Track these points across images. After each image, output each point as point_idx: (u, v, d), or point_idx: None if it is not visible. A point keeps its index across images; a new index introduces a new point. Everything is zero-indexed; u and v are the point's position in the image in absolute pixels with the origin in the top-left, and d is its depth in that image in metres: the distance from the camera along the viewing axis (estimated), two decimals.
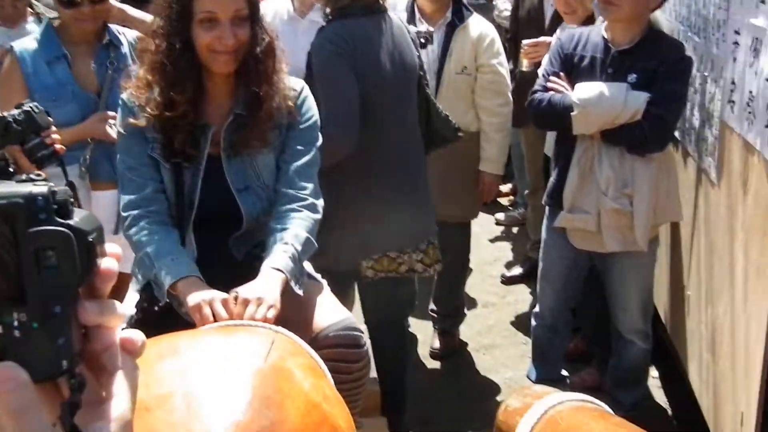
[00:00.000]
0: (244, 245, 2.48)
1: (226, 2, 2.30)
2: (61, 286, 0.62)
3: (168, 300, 2.26)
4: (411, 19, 4.07)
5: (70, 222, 0.63)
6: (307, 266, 2.50)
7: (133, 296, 2.50)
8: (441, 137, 3.67)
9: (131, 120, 2.37)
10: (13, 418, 0.59)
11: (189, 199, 2.39)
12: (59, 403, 0.62)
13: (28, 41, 3.16)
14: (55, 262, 0.62)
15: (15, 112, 2.53)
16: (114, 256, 0.66)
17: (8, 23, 3.87)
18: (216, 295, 2.12)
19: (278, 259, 2.24)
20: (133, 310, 2.42)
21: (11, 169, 0.71)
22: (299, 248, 2.30)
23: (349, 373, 2.24)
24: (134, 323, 2.35)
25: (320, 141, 2.52)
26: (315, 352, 1.78)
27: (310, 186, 2.44)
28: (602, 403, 2.14)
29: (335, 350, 2.22)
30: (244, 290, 2.12)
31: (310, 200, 2.42)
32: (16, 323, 0.61)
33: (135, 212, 2.35)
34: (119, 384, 0.66)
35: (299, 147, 2.46)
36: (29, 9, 3.97)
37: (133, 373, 0.67)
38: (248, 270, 2.29)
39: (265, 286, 2.14)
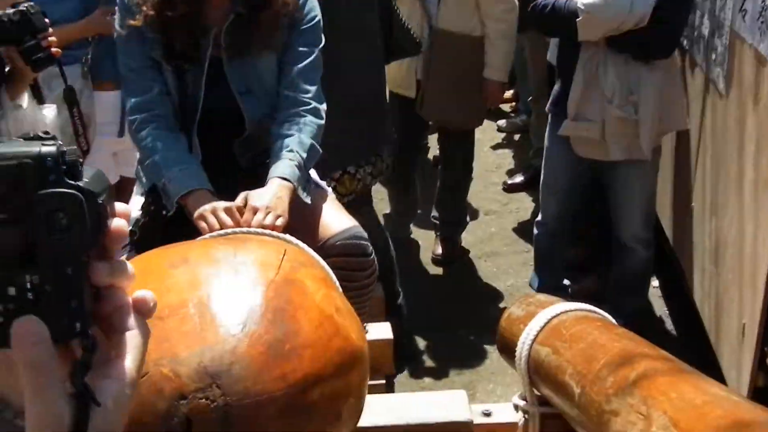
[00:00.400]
0: (248, 151, 2.44)
1: None
2: (72, 248, 0.62)
3: (177, 206, 2.25)
4: None
5: (80, 183, 0.62)
6: (312, 173, 2.49)
7: (137, 200, 2.49)
8: (400, 48, 3.62)
9: (129, 20, 2.32)
10: (32, 372, 0.60)
11: (192, 102, 2.35)
12: (70, 362, 0.63)
13: None
14: (66, 224, 0.61)
15: (10, 11, 2.48)
16: (123, 215, 0.66)
17: None
18: (221, 203, 2.10)
19: (284, 167, 2.22)
20: (138, 213, 2.42)
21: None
22: (304, 155, 2.28)
23: (356, 281, 2.25)
24: (140, 227, 2.35)
25: (323, 42, 2.46)
26: (325, 263, 1.79)
27: (313, 89, 2.40)
28: (606, 314, 2.16)
29: (342, 259, 2.23)
30: (253, 196, 2.11)
31: (314, 104, 2.38)
32: (28, 285, 0.61)
33: (141, 115, 2.32)
34: (129, 343, 0.66)
35: (302, 48, 2.40)
36: None
37: (144, 332, 0.67)
38: (253, 177, 2.27)
39: (274, 195, 2.12)
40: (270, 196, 2.12)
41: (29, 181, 0.61)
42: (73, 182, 0.62)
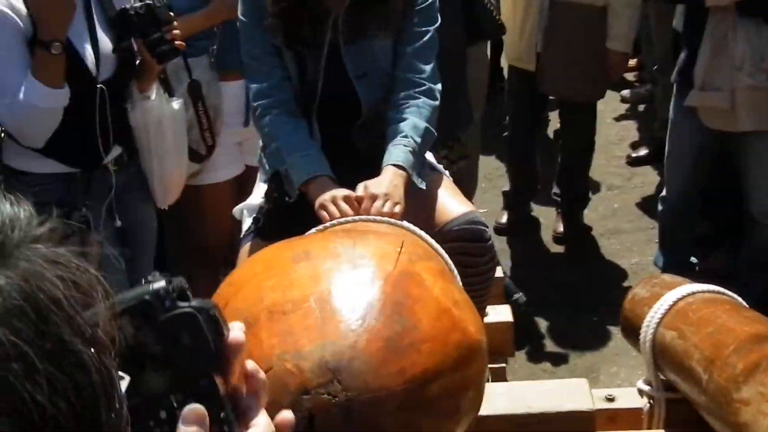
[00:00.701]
0: (366, 136, 2.45)
1: None
2: (201, 360, 0.71)
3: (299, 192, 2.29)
4: None
5: (192, 303, 0.72)
6: (428, 156, 2.49)
7: (260, 187, 2.56)
8: (478, 30, 3.54)
9: (251, 7, 2.37)
10: None
11: (311, 87, 2.39)
12: None
13: None
14: (190, 340, 0.71)
15: (137, 5, 2.57)
16: (237, 328, 0.75)
17: None
18: (341, 192, 2.14)
19: (399, 153, 2.23)
20: (261, 200, 2.48)
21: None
22: (419, 140, 2.28)
23: (474, 266, 2.25)
24: (264, 213, 2.41)
25: (438, 22, 2.44)
26: (445, 253, 1.79)
27: (427, 69, 2.39)
28: (734, 295, 2.09)
29: (459, 244, 2.22)
30: (370, 185, 2.13)
31: (428, 85, 2.37)
32: (175, 404, 0.70)
33: (265, 101, 2.37)
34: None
35: (416, 29, 2.40)
36: None
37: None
38: (371, 162, 2.29)
39: (390, 183, 2.14)
40: (387, 184, 2.13)
41: (151, 312, 0.71)
42: (185, 303, 0.72)
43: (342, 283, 1.45)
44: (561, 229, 4.45)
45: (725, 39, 3.21)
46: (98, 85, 2.57)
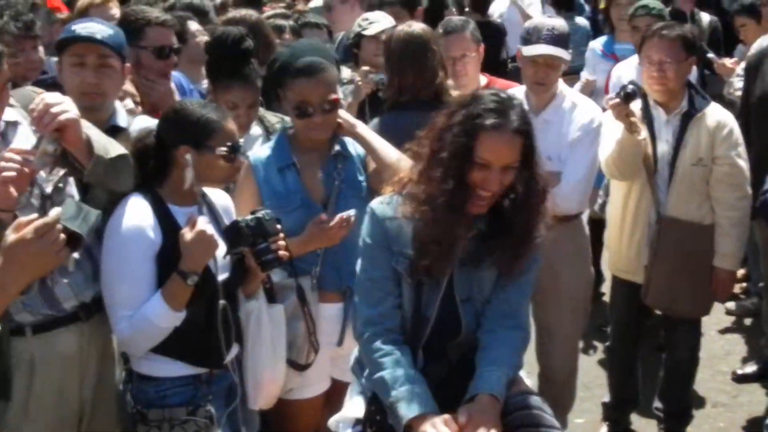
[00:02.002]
0: (459, 350, 2.58)
1: (503, 155, 2.38)
2: None
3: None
4: (646, 106, 3.99)
5: None
6: None
7: (355, 399, 2.60)
8: None
9: (377, 232, 2.51)
10: None
11: (425, 317, 2.50)
12: None
13: (261, 150, 3.25)
14: None
15: (249, 218, 2.77)
16: None
17: (240, 130, 3.86)
18: (440, 417, 2.29)
19: (497, 383, 2.37)
20: (356, 414, 2.52)
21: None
22: (511, 373, 2.44)
23: None
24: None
25: (541, 262, 2.60)
26: None
27: (524, 302, 2.60)
28: None
29: None
30: (475, 413, 2.28)
31: (521, 317, 2.56)
32: None
33: (373, 329, 2.48)
34: None
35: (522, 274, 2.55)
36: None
37: None
38: (461, 373, 2.44)
39: (490, 412, 2.31)
40: (489, 414, 2.30)
41: None
42: None
43: None
44: None
45: None
46: (218, 284, 2.70)
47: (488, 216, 2.47)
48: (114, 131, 2.84)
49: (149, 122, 2.98)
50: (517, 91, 3.89)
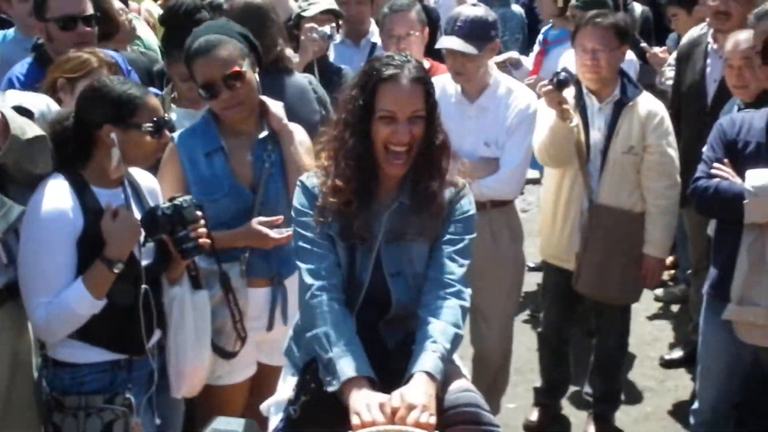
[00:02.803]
0: (395, 333, 2.55)
1: (404, 103, 2.42)
2: None
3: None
4: (579, 94, 4.00)
5: None
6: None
7: (289, 381, 2.56)
8: None
9: (307, 201, 2.51)
10: None
11: (358, 281, 2.48)
12: None
13: (186, 133, 3.11)
14: None
15: (166, 205, 2.72)
16: None
17: (195, 105, 3.60)
18: (375, 399, 2.21)
19: (430, 361, 2.32)
20: (291, 393, 2.47)
21: None
22: (448, 346, 2.38)
23: None
24: (303, 404, 2.41)
25: (474, 234, 2.57)
26: None
27: (459, 272, 2.50)
28: None
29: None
30: (408, 394, 2.21)
31: (458, 287, 2.48)
32: None
33: (319, 282, 2.44)
34: None
35: (453, 236, 2.53)
36: None
37: None
38: (399, 359, 2.40)
39: (426, 393, 2.24)
40: (423, 394, 2.22)
41: None
42: None
43: None
44: (592, 430, 4.31)
45: (763, 254, 3.21)
46: (141, 269, 2.64)
47: (410, 187, 2.49)
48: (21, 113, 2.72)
49: (21, 97, 2.89)
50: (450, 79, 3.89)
